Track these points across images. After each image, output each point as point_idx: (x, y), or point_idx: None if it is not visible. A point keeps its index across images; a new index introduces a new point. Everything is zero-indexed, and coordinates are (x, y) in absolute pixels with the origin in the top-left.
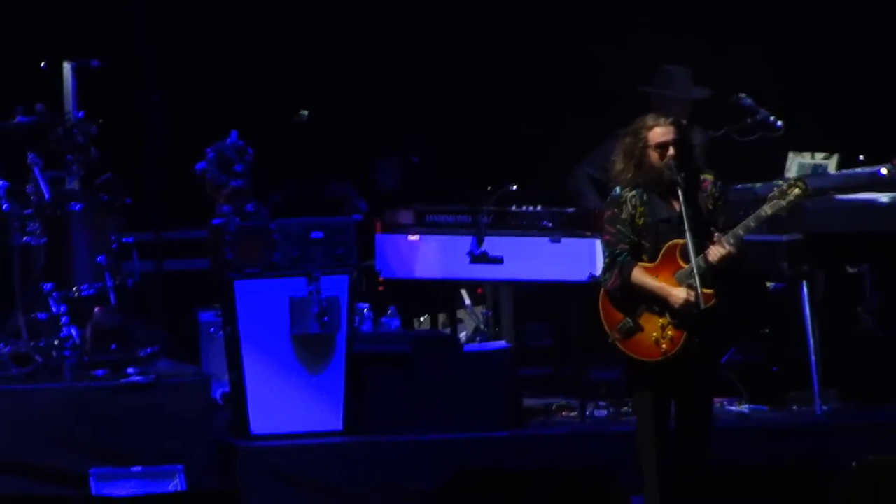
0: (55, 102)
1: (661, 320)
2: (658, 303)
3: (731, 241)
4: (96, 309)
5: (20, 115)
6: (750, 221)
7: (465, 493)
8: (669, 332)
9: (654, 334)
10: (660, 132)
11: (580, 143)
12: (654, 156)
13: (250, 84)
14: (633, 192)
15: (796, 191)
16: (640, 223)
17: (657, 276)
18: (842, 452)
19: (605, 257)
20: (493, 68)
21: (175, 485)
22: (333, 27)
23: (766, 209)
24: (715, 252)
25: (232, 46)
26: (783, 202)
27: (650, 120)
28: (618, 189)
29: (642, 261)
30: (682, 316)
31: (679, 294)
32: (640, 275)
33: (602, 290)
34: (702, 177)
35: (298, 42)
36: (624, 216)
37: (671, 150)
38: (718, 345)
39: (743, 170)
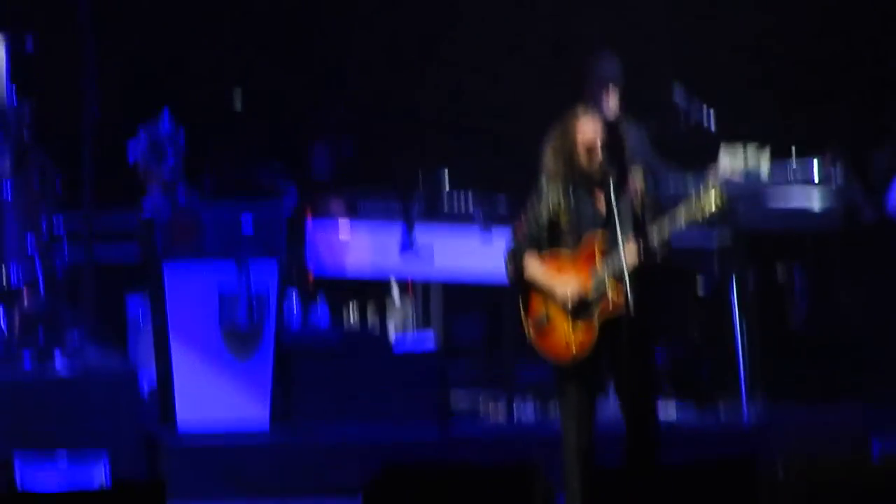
0: None
1: (567, 319)
2: (552, 298)
3: (645, 247)
4: (24, 295)
5: None
6: (666, 225)
7: (393, 488)
8: (579, 335)
9: (564, 335)
10: (588, 130)
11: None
12: (582, 155)
13: (185, 64)
14: (558, 187)
15: (711, 206)
16: (564, 220)
17: (578, 267)
18: (769, 451)
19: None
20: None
21: (100, 474)
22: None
23: (682, 219)
24: (631, 253)
25: (169, 25)
26: (698, 215)
27: (580, 114)
28: (543, 180)
29: (556, 250)
30: (574, 312)
31: (563, 290)
32: (532, 266)
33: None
34: (632, 172)
35: (235, 24)
36: (541, 210)
37: (598, 150)
38: (640, 345)
39: (675, 157)
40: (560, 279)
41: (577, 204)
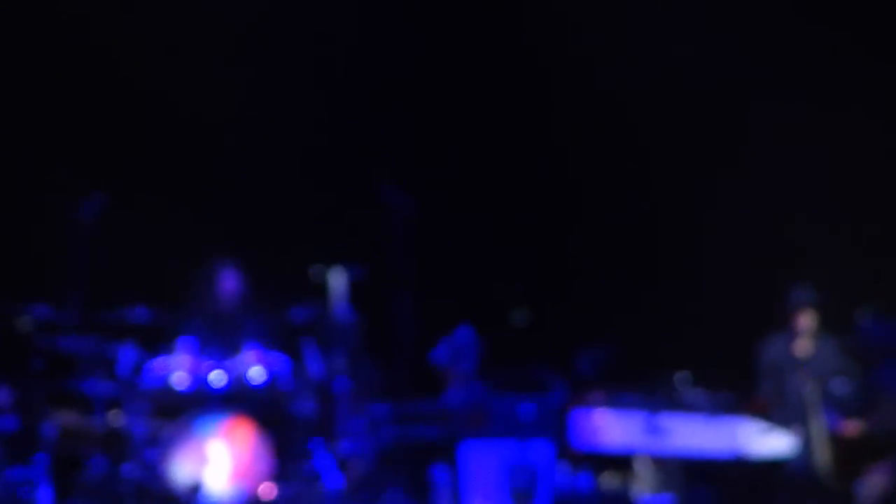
0: (325, 300)
1: None
2: None
3: None
4: (353, 464)
5: (297, 309)
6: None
7: None
8: None
9: None
10: None
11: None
12: None
13: (483, 285)
14: None
15: None
16: None
17: None
18: None
19: None
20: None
21: None
22: (543, 238)
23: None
24: None
25: (464, 254)
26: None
27: None
28: None
29: None
30: None
31: None
32: None
33: None
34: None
35: (520, 252)
36: None
37: None
38: None
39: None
40: None
41: None
